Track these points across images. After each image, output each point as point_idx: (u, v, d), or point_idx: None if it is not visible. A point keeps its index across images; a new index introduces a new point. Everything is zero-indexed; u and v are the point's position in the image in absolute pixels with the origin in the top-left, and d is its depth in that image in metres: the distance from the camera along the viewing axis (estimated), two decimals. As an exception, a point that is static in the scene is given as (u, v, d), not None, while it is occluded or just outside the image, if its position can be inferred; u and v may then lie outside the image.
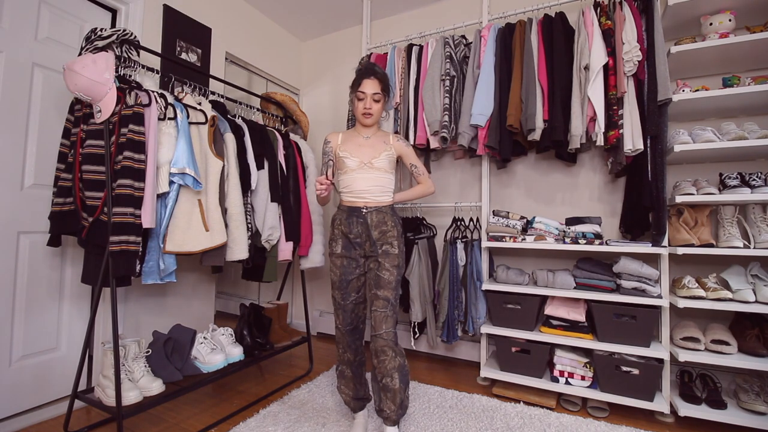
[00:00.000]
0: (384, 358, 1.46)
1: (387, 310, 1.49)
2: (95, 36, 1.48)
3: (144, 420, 1.71)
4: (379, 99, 1.58)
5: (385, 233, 1.56)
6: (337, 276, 1.57)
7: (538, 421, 1.69)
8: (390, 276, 1.52)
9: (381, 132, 1.71)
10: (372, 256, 1.56)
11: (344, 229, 1.57)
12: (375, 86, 1.57)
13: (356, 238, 1.56)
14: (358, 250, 1.57)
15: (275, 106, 2.41)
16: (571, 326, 1.89)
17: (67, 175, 1.50)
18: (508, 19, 2.24)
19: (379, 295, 1.50)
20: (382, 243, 1.55)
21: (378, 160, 1.59)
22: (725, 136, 1.67)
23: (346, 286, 1.57)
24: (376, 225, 1.56)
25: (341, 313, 1.58)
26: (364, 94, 1.57)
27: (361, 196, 1.57)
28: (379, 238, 1.55)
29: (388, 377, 1.45)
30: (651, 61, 1.71)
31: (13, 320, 1.61)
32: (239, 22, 2.66)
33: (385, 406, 1.47)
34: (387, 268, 1.53)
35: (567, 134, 1.84)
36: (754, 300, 1.57)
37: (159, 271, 1.53)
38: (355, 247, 1.57)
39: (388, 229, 1.57)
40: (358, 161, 1.58)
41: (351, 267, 1.57)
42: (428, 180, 1.75)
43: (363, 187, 1.57)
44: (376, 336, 1.48)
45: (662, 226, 1.72)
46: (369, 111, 1.58)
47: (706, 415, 1.59)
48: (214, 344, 1.84)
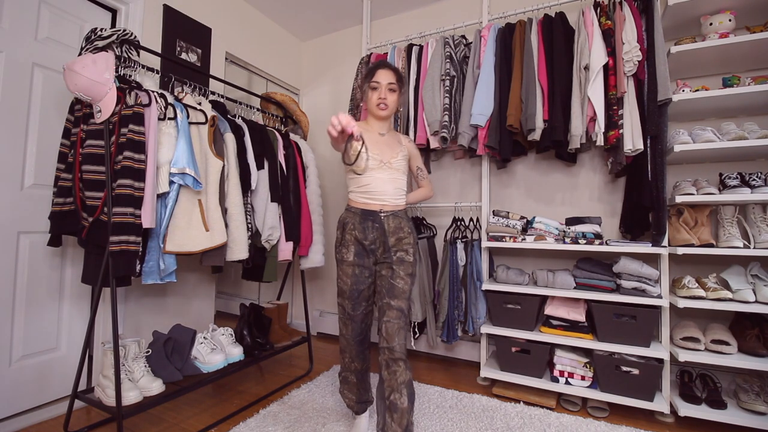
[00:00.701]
0: (396, 369, 1.37)
1: (400, 321, 1.40)
2: (95, 36, 1.48)
3: (144, 420, 1.71)
4: (394, 89, 1.51)
5: (401, 240, 1.48)
6: (348, 285, 1.47)
7: (538, 421, 1.69)
8: (404, 285, 1.44)
9: (393, 131, 1.64)
10: (385, 261, 1.47)
11: (359, 234, 1.46)
12: (390, 76, 1.50)
13: (371, 244, 1.47)
14: (371, 257, 1.49)
15: (275, 106, 2.41)
16: (571, 326, 1.89)
17: (67, 175, 1.50)
18: (508, 19, 2.24)
19: (392, 305, 1.41)
20: (397, 250, 1.47)
21: (397, 161, 1.51)
22: (725, 136, 1.67)
23: (357, 296, 1.47)
24: (393, 231, 1.47)
25: (350, 323, 1.49)
26: (378, 83, 1.49)
27: (379, 199, 1.47)
28: (394, 245, 1.47)
29: (397, 393, 1.35)
30: (651, 61, 1.71)
31: (13, 320, 1.61)
32: (239, 22, 2.66)
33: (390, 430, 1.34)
34: (401, 276, 1.44)
35: (567, 134, 1.84)
36: (754, 300, 1.57)
37: (159, 271, 1.53)
38: (369, 254, 1.48)
39: (405, 236, 1.49)
40: (378, 160, 1.47)
41: (363, 276, 1.47)
42: (430, 183, 1.74)
43: (382, 189, 1.47)
44: (389, 348, 1.37)
45: (662, 226, 1.72)
46: (384, 101, 1.49)
47: (706, 415, 1.59)
48: (214, 344, 1.84)
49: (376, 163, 1.47)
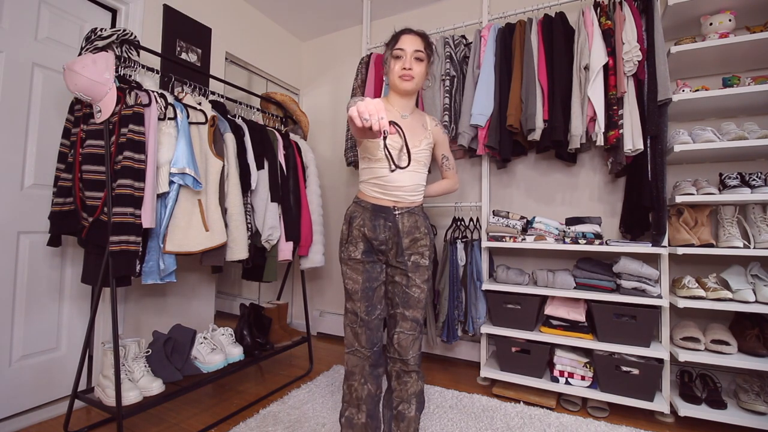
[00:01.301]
0: (408, 380, 1.28)
1: (415, 332, 1.29)
2: (95, 36, 1.48)
3: (144, 420, 1.71)
4: (421, 58, 1.27)
5: (417, 241, 1.31)
6: (360, 284, 1.26)
7: (538, 421, 1.69)
8: (421, 294, 1.30)
9: (417, 111, 1.39)
10: (398, 267, 1.30)
11: (368, 233, 1.27)
12: (417, 42, 1.27)
13: (381, 245, 1.29)
14: (381, 257, 1.31)
15: (275, 106, 2.41)
16: (571, 326, 1.89)
17: (67, 175, 1.50)
18: (508, 19, 2.24)
19: (407, 316, 1.28)
20: (412, 253, 1.30)
21: (419, 151, 1.30)
22: (725, 136, 1.67)
23: (372, 296, 1.26)
24: (408, 231, 1.29)
25: (365, 331, 1.24)
26: (402, 51, 1.26)
27: (394, 194, 1.27)
28: (408, 247, 1.30)
29: (406, 403, 1.27)
30: (651, 61, 1.71)
31: (13, 320, 1.61)
32: (239, 22, 2.66)
33: None
34: (417, 285, 1.29)
35: (567, 134, 1.84)
36: (754, 300, 1.57)
37: (159, 271, 1.53)
38: (378, 253, 1.30)
39: (420, 237, 1.31)
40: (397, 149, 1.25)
41: (376, 272, 1.28)
42: (456, 175, 1.52)
43: (398, 183, 1.26)
44: (403, 360, 1.27)
45: (662, 226, 1.72)
46: (409, 72, 1.26)
47: (706, 415, 1.59)
48: (214, 344, 1.84)
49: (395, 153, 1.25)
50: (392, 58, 1.29)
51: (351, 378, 1.27)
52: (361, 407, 1.26)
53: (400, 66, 1.27)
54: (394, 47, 1.29)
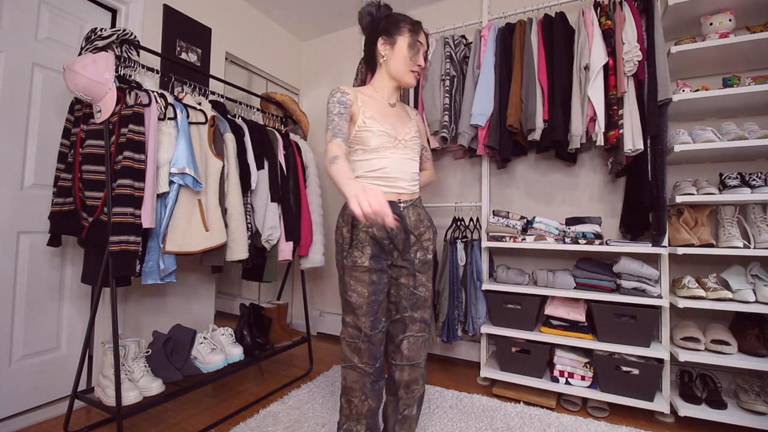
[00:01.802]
0: (415, 387, 1.22)
1: (425, 334, 1.22)
2: (95, 36, 1.48)
3: (144, 420, 1.71)
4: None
5: (422, 235, 1.24)
6: (366, 297, 1.13)
7: (538, 421, 1.69)
8: (426, 292, 1.24)
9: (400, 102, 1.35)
10: (403, 266, 1.22)
11: (377, 232, 1.15)
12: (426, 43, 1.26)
13: (391, 244, 1.20)
14: (388, 259, 1.21)
15: (275, 106, 2.41)
16: (571, 326, 1.89)
17: (67, 175, 1.50)
18: (508, 19, 2.24)
19: (416, 318, 1.21)
20: (417, 249, 1.23)
21: (411, 138, 1.23)
22: (725, 136, 1.67)
23: (377, 310, 1.14)
24: (414, 226, 1.22)
25: (368, 348, 1.13)
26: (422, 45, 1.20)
27: (396, 185, 1.18)
28: (414, 243, 1.23)
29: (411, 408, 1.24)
30: (651, 61, 1.71)
31: (13, 320, 1.61)
32: (239, 22, 2.66)
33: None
34: (423, 283, 1.23)
35: (567, 134, 1.84)
36: (754, 300, 1.57)
37: (159, 271, 1.53)
38: (386, 256, 1.20)
39: (424, 230, 1.25)
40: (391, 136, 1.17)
41: (382, 283, 1.16)
42: (433, 166, 1.50)
43: (398, 173, 1.17)
44: (412, 366, 1.20)
45: (662, 226, 1.72)
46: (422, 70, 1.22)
47: (706, 415, 1.59)
48: (214, 344, 1.84)
49: (390, 141, 1.17)
50: (407, 47, 1.20)
51: (351, 394, 1.17)
52: (360, 421, 1.18)
53: (416, 61, 1.21)
54: (417, 37, 1.21)
